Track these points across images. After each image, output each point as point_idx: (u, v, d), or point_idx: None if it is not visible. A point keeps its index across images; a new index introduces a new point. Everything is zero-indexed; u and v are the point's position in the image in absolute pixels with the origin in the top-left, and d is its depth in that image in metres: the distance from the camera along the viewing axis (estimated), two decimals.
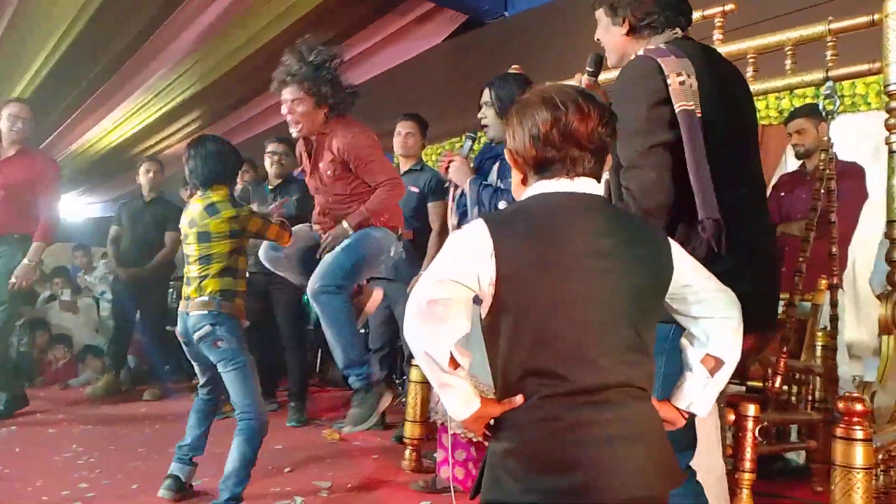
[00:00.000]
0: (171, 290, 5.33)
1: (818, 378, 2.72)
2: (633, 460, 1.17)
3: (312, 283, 2.85)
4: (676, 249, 1.31)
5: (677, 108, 1.55)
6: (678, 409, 1.32)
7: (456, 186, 2.68)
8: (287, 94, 2.79)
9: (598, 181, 1.29)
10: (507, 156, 1.33)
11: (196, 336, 2.61)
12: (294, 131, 2.82)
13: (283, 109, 2.81)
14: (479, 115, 2.77)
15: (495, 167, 2.70)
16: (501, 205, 2.51)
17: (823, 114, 2.53)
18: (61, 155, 8.35)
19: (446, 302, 1.18)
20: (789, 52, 2.57)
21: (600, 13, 1.84)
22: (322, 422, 4.11)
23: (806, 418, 2.69)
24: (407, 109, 4.08)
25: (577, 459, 1.15)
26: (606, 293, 1.20)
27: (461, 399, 1.22)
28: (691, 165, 1.53)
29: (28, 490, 2.83)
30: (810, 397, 2.83)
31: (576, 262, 1.20)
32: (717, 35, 2.76)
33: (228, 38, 5.43)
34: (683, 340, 1.34)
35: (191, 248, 2.66)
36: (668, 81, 1.57)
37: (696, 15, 2.79)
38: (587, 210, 1.25)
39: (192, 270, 2.66)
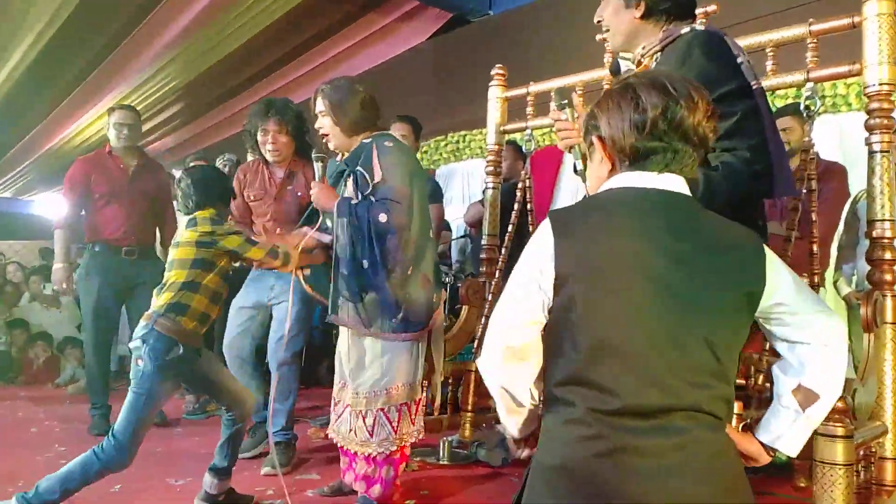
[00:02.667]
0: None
1: None
2: (692, 496, 1.03)
3: (277, 351, 3.13)
4: (773, 261, 1.14)
5: (753, 85, 1.55)
6: (762, 443, 1.18)
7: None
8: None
9: (688, 179, 1.17)
10: (595, 143, 1.20)
11: (130, 348, 2.44)
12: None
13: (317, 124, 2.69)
14: (317, 126, 2.60)
15: (349, 182, 2.52)
16: (382, 217, 2.36)
17: (805, 115, 2.56)
18: (41, 151, 8.27)
19: (524, 346, 1.14)
20: (770, 54, 2.60)
21: None
22: (307, 419, 4.09)
23: None
24: (390, 107, 4.07)
25: (622, 489, 1.03)
26: (678, 304, 1.07)
27: (523, 424, 1.21)
28: (772, 140, 1.51)
29: (9, 490, 2.79)
30: None
31: (646, 266, 1.08)
32: None
33: (211, 33, 5.40)
34: (776, 368, 1.19)
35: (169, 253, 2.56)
36: (739, 60, 1.56)
37: None
38: (666, 209, 1.12)
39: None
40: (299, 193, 3.26)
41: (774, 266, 1.13)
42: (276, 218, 3.27)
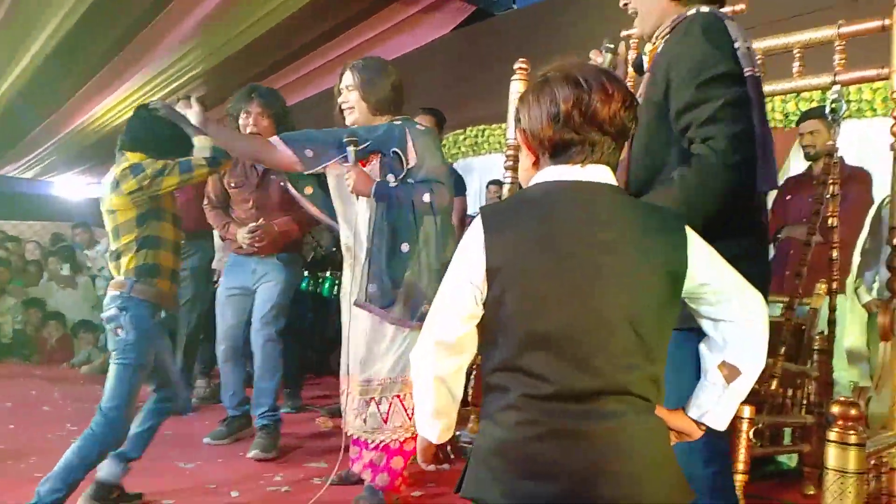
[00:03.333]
0: None
1: (813, 382, 2.73)
2: (623, 474, 1.08)
3: (262, 329, 3.21)
4: (695, 242, 1.17)
5: (746, 72, 1.51)
6: (693, 420, 1.21)
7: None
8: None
9: (614, 169, 1.19)
10: (518, 136, 1.23)
11: (103, 318, 2.34)
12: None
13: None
14: (340, 101, 2.52)
15: (376, 163, 2.45)
16: (426, 197, 2.34)
17: (829, 118, 2.52)
18: (62, 133, 8.35)
19: (458, 340, 1.18)
20: (797, 55, 2.56)
21: None
22: (316, 408, 4.11)
23: (800, 421, 2.70)
24: (413, 99, 4.07)
25: (560, 468, 1.08)
26: (603, 290, 1.11)
27: (445, 427, 1.25)
28: (758, 130, 1.47)
29: (21, 467, 2.84)
30: (805, 401, 2.84)
31: (571, 254, 1.12)
32: None
33: (234, 20, 5.41)
34: (702, 345, 1.22)
35: (105, 221, 2.39)
36: (736, 45, 1.53)
37: None
38: (592, 199, 1.16)
39: (110, 245, 2.37)
40: (282, 183, 3.09)
41: (696, 247, 1.17)
42: (259, 205, 3.27)
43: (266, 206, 3.26)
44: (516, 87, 3.44)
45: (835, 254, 2.56)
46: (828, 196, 2.55)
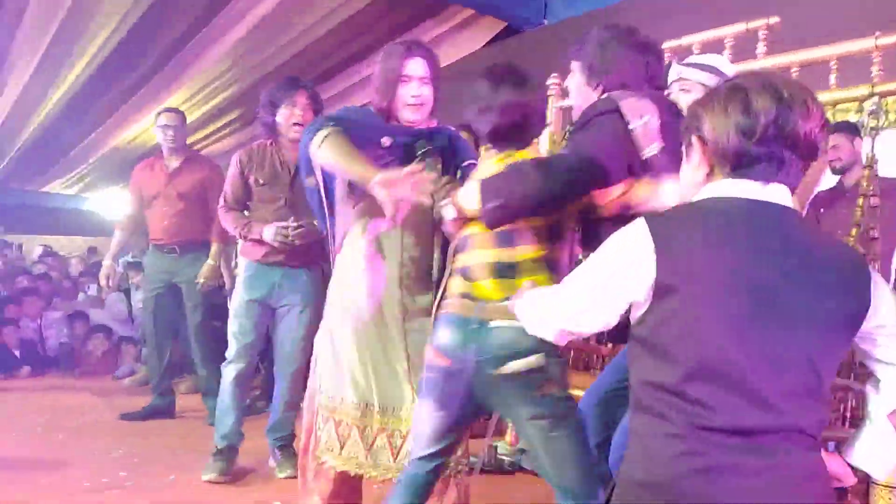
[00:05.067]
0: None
1: (857, 395, 2.69)
2: None
3: (295, 355, 2.96)
4: (877, 281, 1.10)
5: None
6: (850, 465, 1.15)
7: None
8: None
9: (793, 191, 1.11)
10: (695, 143, 1.14)
11: (508, 368, 1.54)
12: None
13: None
14: (415, 92, 2.09)
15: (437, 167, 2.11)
16: None
17: (867, 130, 2.51)
18: (104, 150, 8.57)
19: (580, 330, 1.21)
20: (834, 67, 2.56)
21: None
22: None
23: (845, 435, 2.66)
24: (445, 115, 4.10)
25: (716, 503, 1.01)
26: (783, 323, 1.03)
27: None
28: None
29: (70, 476, 2.92)
30: (849, 414, 2.80)
31: (752, 282, 1.03)
32: (761, 48, 2.75)
33: (269, 41, 5.53)
34: (870, 388, 1.16)
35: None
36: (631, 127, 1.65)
37: (740, 27, 2.81)
38: (775, 223, 1.07)
39: (480, 255, 1.64)
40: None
41: (879, 287, 1.10)
42: (291, 205, 2.95)
43: (298, 206, 2.89)
44: (550, 103, 3.47)
45: (876, 265, 2.53)
46: (867, 208, 2.53)
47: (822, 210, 3.53)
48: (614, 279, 1.11)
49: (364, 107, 2.24)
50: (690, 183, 1.16)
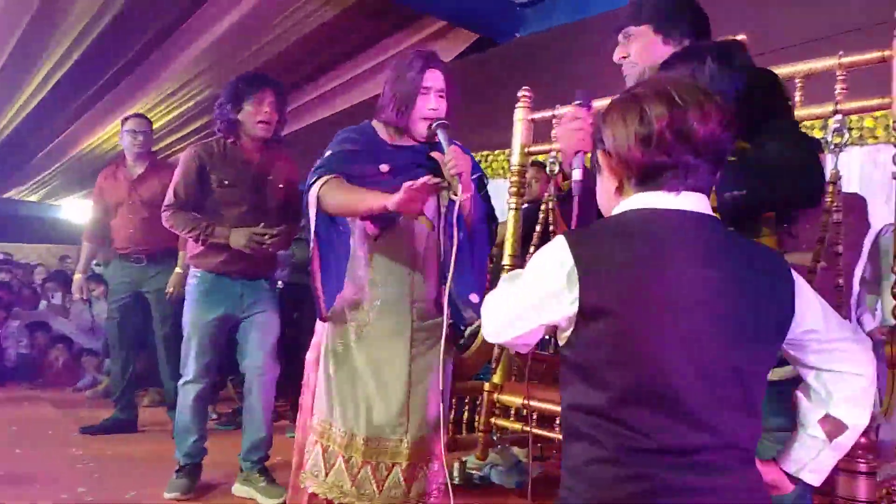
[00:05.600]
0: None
1: None
2: None
3: (267, 367, 2.87)
4: (801, 286, 1.07)
5: None
6: (787, 474, 1.14)
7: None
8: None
9: (708, 196, 1.08)
10: (600, 158, 1.12)
11: (774, 375, 1.44)
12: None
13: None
14: (432, 106, 2.05)
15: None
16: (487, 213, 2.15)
17: (830, 146, 2.54)
18: (68, 156, 8.41)
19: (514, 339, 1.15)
20: (799, 85, 2.59)
21: None
22: None
23: None
24: None
25: None
26: (711, 338, 1.00)
27: None
28: None
29: (27, 491, 2.83)
30: None
31: (679, 298, 0.99)
32: None
33: (242, 46, 5.48)
34: (798, 393, 1.14)
35: None
36: None
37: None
38: (695, 233, 1.04)
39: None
40: (280, 185, 2.90)
41: (803, 292, 1.07)
42: (257, 207, 2.84)
43: (264, 211, 2.83)
44: (521, 114, 3.48)
45: (840, 280, 2.57)
46: (831, 222, 2.56)
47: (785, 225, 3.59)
48: (534, 304, 1.08)
49: (364, 125, 2.18)
50: (605, 199, 1.14)
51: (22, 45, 5.23)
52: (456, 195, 1.96)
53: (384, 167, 2.05)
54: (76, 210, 11.88)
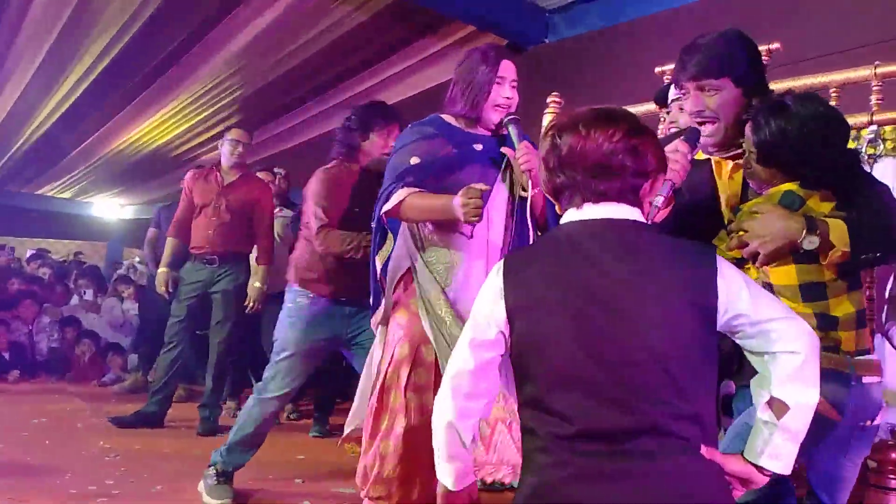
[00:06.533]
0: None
1: None
2: None
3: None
4: (726, 273, 1.12)
5: None
6: (751, 463, 1.13)
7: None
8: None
9: (632, 203, 1.18)
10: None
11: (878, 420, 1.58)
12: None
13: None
14: (510, 94, 2.16)
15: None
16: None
17: (864, 157, 2.52)
18: (99, 155, 8.56)
19: (471, 373, 1.21)
20: (833, 95, 2.57)
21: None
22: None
23: None
24: None
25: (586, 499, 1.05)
26: (622, 326, 1.08)
27: (460, 474, 1.25)
28: None
29: (56, 483, 2.89)
30: None
31: (584, 292, 1.11)
32: None
33: (272, 50, 5.54)
34: (752, 382, 1.17)
35: None
36: None
37: None
38: (604, 236, 1.15)
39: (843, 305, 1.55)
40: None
41: (727, 278, 1.12)
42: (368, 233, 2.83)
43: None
44: (549, 121, 3.48)
45: (871, 292, 2.54)
46: None
47: None
48: (485, 317, 1.21)
49: (433, 117, 2.23)
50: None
51: (57, 46, 5.34)
52: (525, 191, 2.02)
53: (478, 146, 2.11)
54: (106, 208, 12.10)
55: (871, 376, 1.50)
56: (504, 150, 2.10)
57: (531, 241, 2.03)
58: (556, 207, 1.25)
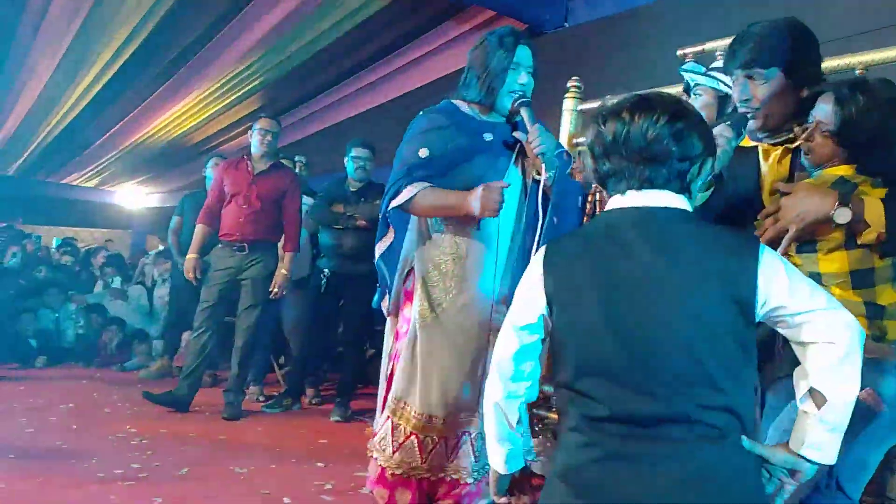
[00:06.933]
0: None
1: None
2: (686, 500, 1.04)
3: None
4: (767, 264, 1.11)
5: None
6: (796, 454, 1.12)
7: None
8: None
9: (678, 189, 1.17)
10: None
11: None
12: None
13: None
14: (525, 80, 2.15)
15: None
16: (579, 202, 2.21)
17: None
18: (123, 145, 8.66)
19: (514, 356, 1.24)
20: (859, 75, 2.52)
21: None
22: (366, 418, 4.16)
23: None
24: None
25: (616, 494, 1.06)
26: (654, 314, 1.09)
27: (509, 456, 1.29)
28: None
29: (83, 466, 2.95)
30: None
31: (619, 280, 1.12)
32: None
33: (292, 38, 5.55)
34: (795, 372, 1.16)
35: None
36: None
37: None
38: (641, 226, 1.15)
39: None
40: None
41: (769, 269, 1.11)
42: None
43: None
44: (569, 105, 3.46)
45: None
46: None
47: None
48: (525, 298, 1.25)
49: (445, 104, 2.22)
50: None
51: (78, 39, 5.39)
52: (539, 174, 2.01)
53: (488, 136, 2.09)
54: (130, 196, 12.24)
55: None
56: (516, 134, 2.08)
57: (544, 226, 2.03)
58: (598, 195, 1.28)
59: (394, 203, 2.08)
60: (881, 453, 1.53)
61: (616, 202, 1.20)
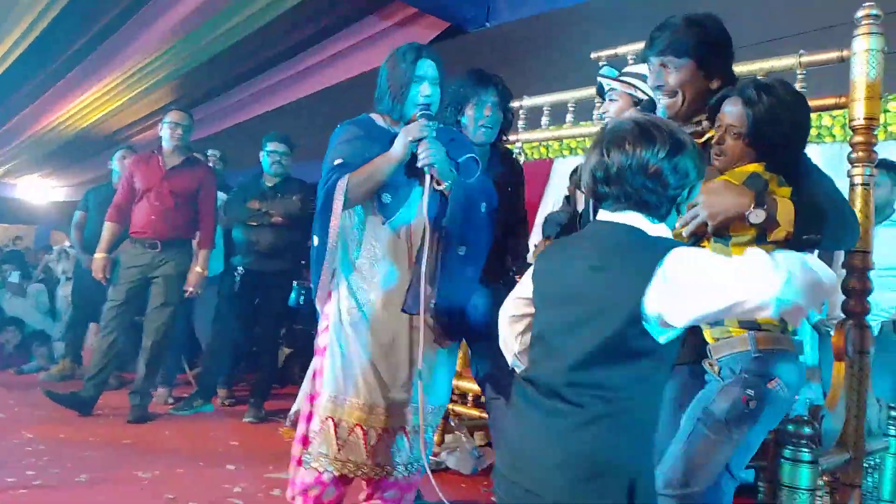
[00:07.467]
0: None
1: None
2: (542, 458, 1.25)
3: None
4: (667, 276, 1.19)
5: None
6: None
7: None
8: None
9: (647, 209, 1.28)
10: None
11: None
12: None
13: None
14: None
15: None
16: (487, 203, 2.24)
17: None
18: (26, 135, 8.20)
19: (511, 319, 1.50)
20: None
21: None
22: (279, 419, 4.08)
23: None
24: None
25: (510, 447, 1.34)
26: (577, 307, 1.29)
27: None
28: None
29: None
30: None
31: (563, 280, 1.34)
32: None
33: (208, 27, 5.38)
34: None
35: None
36: None
37: None
38: (588, 237, 1.39)
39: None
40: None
41: (664, 281, 1.18)
42: None
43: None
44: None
45: None
46: None
47: None
48: (525, 285, 1.46)
49: (362, 117, 2.30)
50: None
51: None
52: (439, 185, 2.13)
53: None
54: (33, 190, 11.63)
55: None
56: (420, 144, 2.13)
57: (447, 233, 2.15)
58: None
59: (341, 208, 2.09)
60: (764, 435, 1.65)
61: (600, 215, 1.35)
